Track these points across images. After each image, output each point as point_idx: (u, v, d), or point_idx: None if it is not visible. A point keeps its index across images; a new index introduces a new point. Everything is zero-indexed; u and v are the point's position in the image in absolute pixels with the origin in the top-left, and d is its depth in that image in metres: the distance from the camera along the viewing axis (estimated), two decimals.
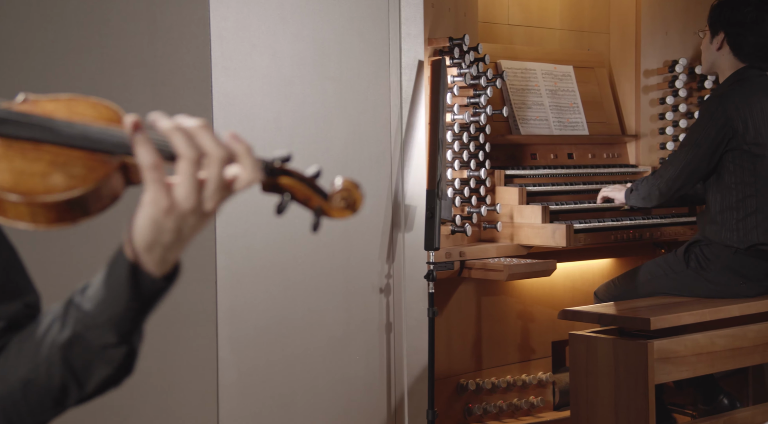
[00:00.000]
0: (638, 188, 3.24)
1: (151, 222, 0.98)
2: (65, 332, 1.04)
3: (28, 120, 1.03)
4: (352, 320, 2.84)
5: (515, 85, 3.58)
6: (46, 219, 1.01)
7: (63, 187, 1.00)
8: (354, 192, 1.07)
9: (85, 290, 1.05)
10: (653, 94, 3.88)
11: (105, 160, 1.02)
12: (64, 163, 1.01)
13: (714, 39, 3.25)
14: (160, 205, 0.97)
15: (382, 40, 2.89)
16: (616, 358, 2.88)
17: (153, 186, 0.97)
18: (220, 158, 0.97)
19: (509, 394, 3.40)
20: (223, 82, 2.55)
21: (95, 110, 1.08)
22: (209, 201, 0.98)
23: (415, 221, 2.94)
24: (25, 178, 1.00)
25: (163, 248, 1.00)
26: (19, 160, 1.02)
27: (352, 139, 2.84)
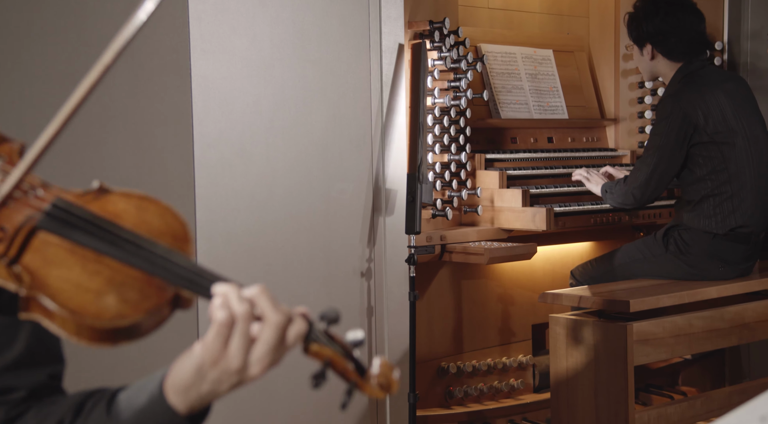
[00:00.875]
0: (613, 192, 3.25)
1: (197, 368, 1.01)
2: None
3: (97, 228, 0.99)
4: (333, 304, 2.84)
5: (495, 69, 3.57)
6: (90, 338, 0.98)
7: (114, 313, 0.97)
8: (390, 377, 1.04)
9: (113, 403, 1.06)
10: (632, 79, 3.90)
11: (161, 287, 1.00)
12: (121, 283, 0.99)
13: (643, 50, 3.30)
14: (212, 355, 0.99)
15: (362, 23, 2.88)
16: (596, 340, 2.90)
17: (216, 339, 0.98)
18: (277, 325, 1.00)
19: (490, 377, 3.42)
20: (202, 65, 2.53)
21: (163, 221, 1.06)
22: (256, 365, 1.00)
23: (396, 205, 2.94)
24: (80, 293, 0.97)
25: (198, 395, 1.02)
26: (79, 270, 0.99)
27: (332, 122, 2.83)
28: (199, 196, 2.52)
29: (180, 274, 1.00)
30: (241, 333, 0.99)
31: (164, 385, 1.04)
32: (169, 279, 1.00)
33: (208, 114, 2.55)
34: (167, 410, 1.03)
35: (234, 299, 0.99)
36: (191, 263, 1.02)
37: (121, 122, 2.39)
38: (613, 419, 2.87)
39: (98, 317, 0.97)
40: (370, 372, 1.04)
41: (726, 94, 3.20)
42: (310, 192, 2.77)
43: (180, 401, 1.03)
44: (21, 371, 1.11)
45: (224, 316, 0.98)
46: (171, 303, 1.01)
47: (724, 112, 3.17)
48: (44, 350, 1.14)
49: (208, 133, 2.55)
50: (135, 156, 2.42)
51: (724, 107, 3.17)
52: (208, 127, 2.55)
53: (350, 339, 1.04)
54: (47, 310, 0.97)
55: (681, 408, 3.06)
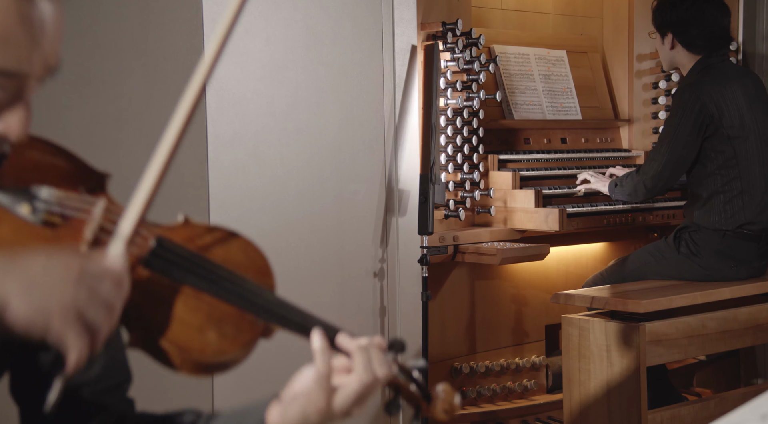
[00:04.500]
0: (623, 184, 3.25)
1: (302, 415, 1.05)
2: None
3: (195, 265, 1.02)
4: (346, 304, 2.86)
5: (508, 70, 3.58)
6: (191, 370, 1.02)
7: (215, 348, 1.01)
8: (453, 403, 1.10)
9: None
10: (646, 79, 3.89)
11: (253, 322, 1.05)
12: (219, 319, 1.02)
13: (664, 40, 3.29)
14: (317, 406, 1.04)
15: (375, 25, 2.89)
16: (609, 341, 2.90)
17: (317, 389, 1.03)
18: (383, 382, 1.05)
19: (503, 377, 3.42)
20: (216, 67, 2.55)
21: (247, 256, 1.09)
22: (359, 409, 1.06)
23: (408, 206, 2.95)
24: (184, 328, 1.01)
25: None
26: (182, 306, 1.01)
27: (345, 124, 2.84)
28: (212, 197, 2.54)
29: (271, 310, 1.06)
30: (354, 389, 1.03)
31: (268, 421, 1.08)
32: (261, 315, 1.05)
33: (222, 115, 2.57)
34: None
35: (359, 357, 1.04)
36: (279, 299, 1.08)
37: (136, 124, 2.42)
38: (626, 420, 2.86)
39: (202, 352, 1.01)
40: (435, 397, 1.09)
41: (743, 90, 3.19)
42: (323, 193, 2.79)
43: None
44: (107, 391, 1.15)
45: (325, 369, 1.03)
46: (261, 335, 1.07)
47: (740, 107, 3.16)
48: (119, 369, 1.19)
49: (222, 134, 2.57)
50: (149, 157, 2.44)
51: (740, 102, 3.17)
52: (222, 129, 2.57)
53: (418, 367, 1.09)
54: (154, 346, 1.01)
55: (695, 409, 3.05)
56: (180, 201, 2.50)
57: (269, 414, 1.09)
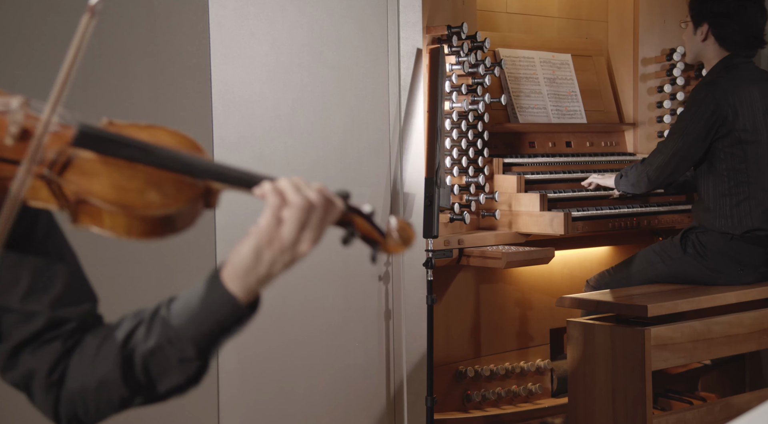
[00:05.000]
0: (627, 174, 3.26)
1: (254, 250, 1.11)
2: (150, 342, 1.15)
3: (127, 141, 1.12)
4: (351, 308, 2.86)
5: (513, 74, 3.58)
6: (139, 232, 1.10)
7: (159, 203, 1.09)
8: (408, 230, 1.20)
9: (172, 305, 1.16)
10: (651, 83, 3.89)
11: (192, 183, 1.13)
12: (158, 183, 1.11)
13: (698, 30, 3.26)
14: (268, 235, 1.11)
15: (380, 28, 2.90)
16: (614, 345, 2.90)
17: (270, 218, 1.11)
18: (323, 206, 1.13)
19: (508, 381, 3.42)
20: (222, 70, 2.55)
21: (174, 139, 1.18)
22: (305, 243, 1.13)
23: (413, 209, 2.95)
24: (124, 192, 1.09)
25: (257, 278, 1.12)
26: (117, 176, 1.10)
27: (350, 127, 2.85)
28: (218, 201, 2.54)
29: (207, 169, 1.13)
30: (294, 214, 1.10)
31: (222, 275, 1.13)
32: (198, 175, 1.12)
33: (227, 118, 2.58)
34: (228, 299, 1.13)
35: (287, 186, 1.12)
36: (214, 162, 1.15)
37: None
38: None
39: (146, 207, 1.08)
40: (389, 228, 1.19)
41: (761, 93, 3.19)
42: None
43: (240, 287, 1.12)
44: (67, 305, 1.20)
45: (276, 200, 1.11)
46: (203, 196, 1.14)
47: (755, 111, 3.15)
48: (82, 286, 1.23)
49: (228, 137, 2.57)
50: None
51: (756, 106, 3.16)
52: (227, 132, 2.57)
53: (367, 210, 1.19)
54: (97, 212, 1.08)
55: (700, 414, 3.05)
56: None
57: (223, 268, 1.14)
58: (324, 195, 1.13)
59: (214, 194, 1.15)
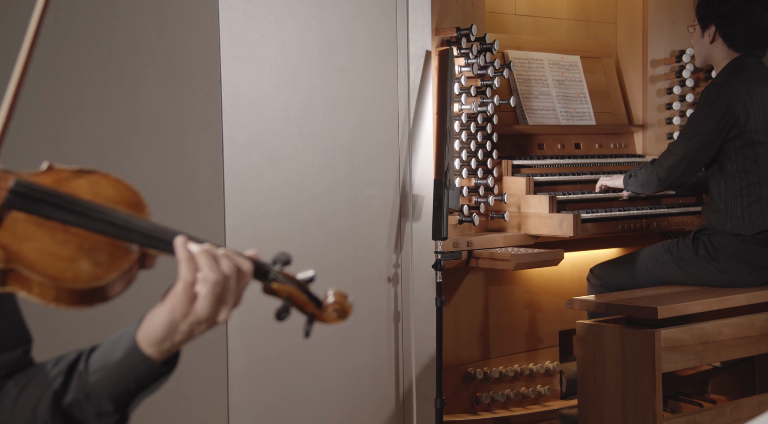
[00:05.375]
0: (636, 174, 3.25)
1: (169, 323, 1.10)
2: (68, 397, 1.14)
3: (61, 202, 1.06)
4: (360, 310, 2.86)
5: (522, 76, 3.58)
6: (68, 301, 1.05)
7: (89, 275, 1.05)
8: (345, 304, 1.20)
9: (90, 360, 1.15)
10: (660, 84, 3.88)
11: (128, 249, 1.09)
12: (91, 249, 1.06)
13: (705, 32, 3.26)
14: (181, 311, 1.10)
15: (389, 31, 2.90)
16: (623, 347, 2.89)
17: (182, 295, 1.09)
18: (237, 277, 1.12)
19: (517, 383, 3.41)
20: (232, 73, 2.56)
21: (116, 191, 1.13)
22: (224, 313, 1.12)
23: (422, 211, 2.95)
24: (54, 261, 1.04)
25: (172, 344, 1.13)
26: (49, 241, 1.05)
27: (359, 129, 2.85)
28: (228, 202, 2.55)
29: (144, 234, 1.09)
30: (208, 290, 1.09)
31: (137, 339, 1.13)
32: (134, 240, 1.09)
33: (237, 120, 2.58)
34: (144, 360, 1.13)
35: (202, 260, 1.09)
36: (151, 224, 1.11)
37: (152, 129, 2.43)
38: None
39: (76, 279, 1.04)
40: (326, 302, 1.18)
41: None
42: (338, 198, 2.80)
43: (155, 351, 1.13)
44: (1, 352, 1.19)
45: (189, 274, 1.09)
46: (138, 262, 1.11)
47: (766, 112, 3.14)
48: (17, 332, 1.22)
49: (238, 139, 2.58)
50: (165, 162, 2.45)
51: (767, 107, 3.15)
52: (237, 134, 2.58)
53: (304, 277, 1.19)
54: (26, 280, 1.04)
55: (710, 416, 3.04)
56: (195, 206, 2.51)
57: (139, 331, 1.14)
58: (235, 264, 1.12)
59: (151, 258, 1.12)
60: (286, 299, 1.15)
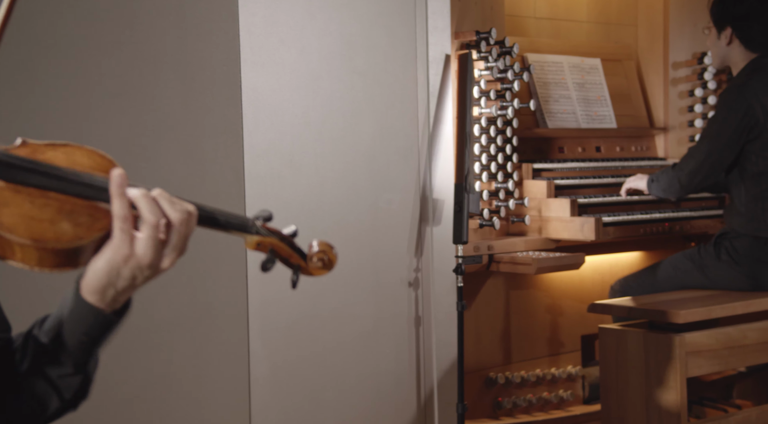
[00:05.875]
0: (659, 179, 3.23)
1: (110, 268, 1.08)
2: (25, 364, 1.13)
3: (37, 167, 1.07)
4: (381, 314, 2.85)
5: (542, 79, 3.56)
6: (52, 263, 1.05)
7: (71, 235, 1.05)
8: (330, 253, 1.20)
9: (43, 324, 1.14)
10: (682, 87, 3.85)
11: (107, 211, 1.08)
12: (71, 212, 1.07)
13: (721, 34, 3.24)
14: (121, 253, 1.07)
15: (408, 34, 2.90)
16: (647, 351, 2.86)
17: (120, 235, 1.06)
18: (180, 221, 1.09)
19: (539, 388, 3.39)
20: (252, 77, 2.57)
21: (91, 160, 1.14)
22: (167, 259, 1.09)
23: (443, 215, 2.94)
24: (35, 223, 1.05)
25: (116, 292, 1.09)
26: (28, 206, 1.06)
27: (379, 133, 2.85)
28: (249, 207, 2.55)
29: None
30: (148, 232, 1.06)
31: (81, 291, 1.10)
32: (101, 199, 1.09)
33: (257, 125, 2.59)
34: (90, 309, 1.10)
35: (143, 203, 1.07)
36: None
37: (173, 134, 2.44)
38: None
39: (58, 240, 1.05)
40: (310, 252, 1.19)
41: None
42: (358, 202, 2.79)
43: (98, 300, 1.10)
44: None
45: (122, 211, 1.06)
46: None
47: None
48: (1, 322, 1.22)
49: (258, 144, 2.59)
50: (186, 167, 2.46)
51: None
52: (257, 138, 2.58)
53: (287, 231, 1.19)
54: (8, 244, 1.04)
55: (735, 421, 3.00)
56: None
57: (81, 282, 1.11)
58: (176, 207, 1.09)
59: None
60: (270, 251, 1.17)
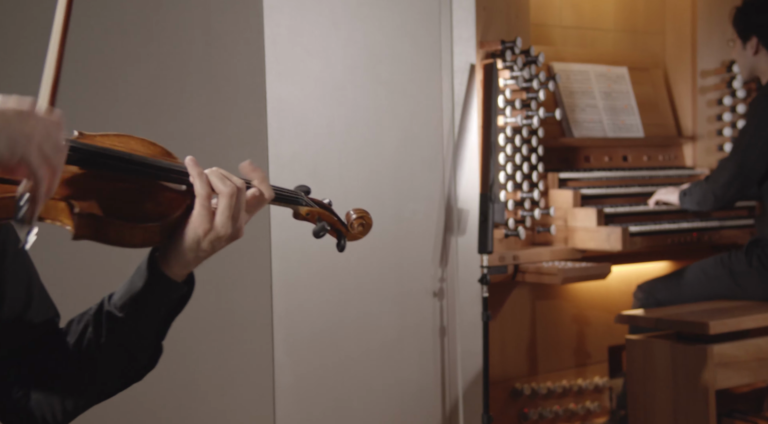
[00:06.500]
0: (692, 193, 3.19)
1: (192, 241, 1.16)
2: (102, 338, 1.19)
3: (110, 154, 1.14)
4: (405, 324, 2.85)
5: (568, 88, 3.54)
6: (140, 240, 1.13)
7: (158, 214, 1.14)
8: (366, 217, 1.34)
9: (113, 300, 1.20)
10: (710, 95, 3.81)
11: (180, 191, 1.17)
12: (151, 193, 1.15)
13: (747, 45, 3.23)
14: (204, 227, 1.15)
15: (433, 44, 2.90)
16: (675, 363, 2.83)
17: (201, 211, 1.15)
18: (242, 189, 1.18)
19: (565, 399, 3.36)
20: (277, 88, 2.58)
21: (145, 147, 1.21)
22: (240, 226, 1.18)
23: (467, 225, 2.93)
24: (122, 204, 1.12)
25: (196, 262, 1.18)
26: (111, 188, 1.13)
27: (404, 143, 2.85)
28: (273, 216, 2.56)
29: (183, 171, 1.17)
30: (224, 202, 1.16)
31: (160, 265, 1.17)
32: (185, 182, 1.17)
33: (282, 135, 2.60)
34: (169, 283, 1.18)
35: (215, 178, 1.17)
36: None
37: (199, 144, 2.46)
38: None
39: (148, 217, 1.12)
40: (350, 219, 1.33)
41: None
42: (383, 212, 2.79)
43: (178, 272, 1.18)
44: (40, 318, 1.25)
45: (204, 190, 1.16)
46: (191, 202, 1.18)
47: None
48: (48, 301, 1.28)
49: (283, 153, 2.60)
50: None
51: None
52: (282, 149, 2.59)
53: (327, 201, 1.32)
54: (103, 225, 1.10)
55: None
56: None
57: (158, 257, 1.18)
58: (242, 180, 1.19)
59: None
60: (318, 219, 1.29)
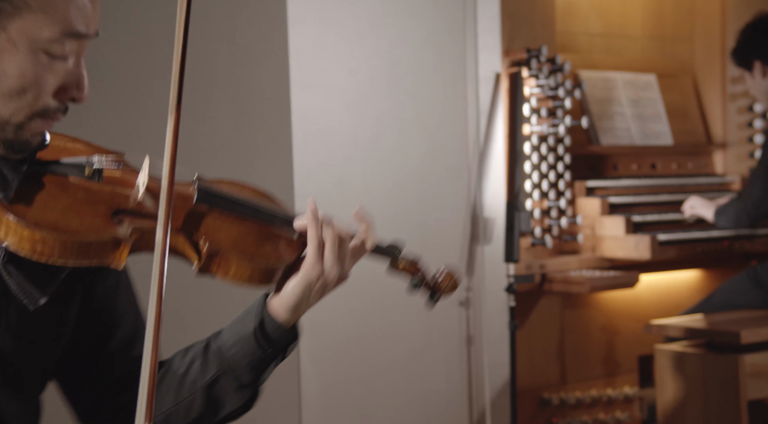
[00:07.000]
0: (726, 212, 3.14)
1: (305, 286, 1.22)
2: (209, 373, 1.23)
3: (234, 198, 1.22)
4: (432, 333, 2.84)
5: (595, 96, 3.52)
6: (258, 280, 1.19)
7: (275, 257, 1.20)
8: (454, 276, 1.40)
9: (221, 338, 1.25)
10: (741, 102, 3.77)
11: (291, 237, 1.24)
12: (267, 235, 1.22)
13: (754, 73, 3.18)
14: (316, 271, 1.22)
15: (458, 53, 2.90)
16: (705, 373, 2.79)
17: (315, 255, 1.22)
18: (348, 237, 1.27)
19: (594, 409, 3.33)
20: (301, 98, 2.60)
21: (256, 195, 1.29)
22: (346, 270, 1.26)
23: (494, 234, 2.92)
24: (246, 245, 1.19)
25: (306, 307, 1.24)
26: (236, 229, 1.20)
27: (429, 152, 2.85)
28: None
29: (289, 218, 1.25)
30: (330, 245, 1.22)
31: (270, 309, 1.22)
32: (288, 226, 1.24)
33: (307, 145, 2.61)
34: (278, 326, 1.22)
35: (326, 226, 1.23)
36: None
37: (225, 154, 2.48)
38: None
39: (268, 259, 1.19)
40: (439, 276, 1.39)
41: None
42: (408, 221, 2.79)
43: (290, 317, 1.23)
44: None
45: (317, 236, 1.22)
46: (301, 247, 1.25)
47: None
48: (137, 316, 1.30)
49: (308, 164, 2.61)
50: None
51: None
52: (307, 159, 2.61)
53: (419, 259, 1.38)
54: (226, 262, 1.17)
55: None
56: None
57: (271, 301, 1.23)
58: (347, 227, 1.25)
59: None
60: (414, 274, 1.37)
